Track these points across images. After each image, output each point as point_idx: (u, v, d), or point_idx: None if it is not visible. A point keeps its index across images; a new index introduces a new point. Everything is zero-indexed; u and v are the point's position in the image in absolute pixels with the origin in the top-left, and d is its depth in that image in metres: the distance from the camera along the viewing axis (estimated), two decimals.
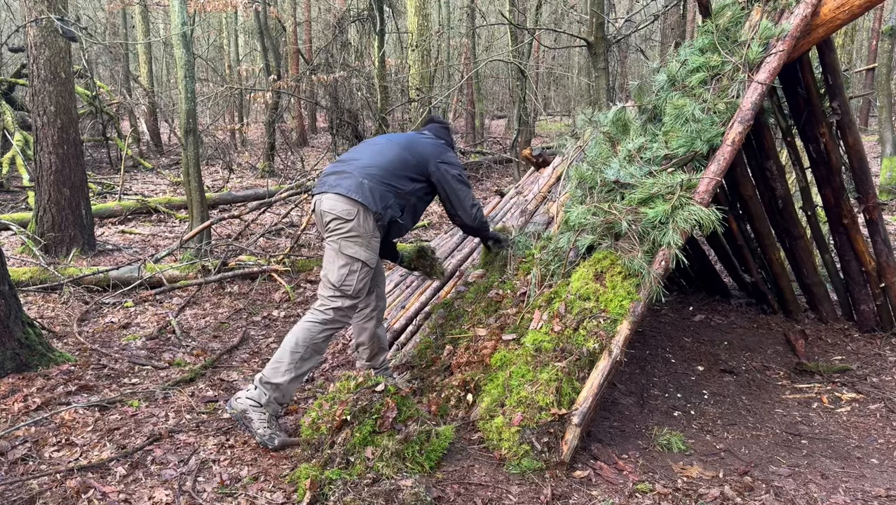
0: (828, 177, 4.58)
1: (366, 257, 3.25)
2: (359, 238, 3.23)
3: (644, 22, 10.65)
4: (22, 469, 2.93)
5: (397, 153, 3.39)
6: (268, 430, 3.10)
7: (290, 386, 3.17)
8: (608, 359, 3.01)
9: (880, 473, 3.19)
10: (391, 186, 3.30)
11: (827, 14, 3.62)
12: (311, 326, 3.21)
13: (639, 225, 3.19)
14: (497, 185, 11.65)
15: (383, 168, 3.32)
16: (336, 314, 3.24)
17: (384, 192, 3.26)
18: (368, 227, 3.24)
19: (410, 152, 3.42)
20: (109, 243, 7.65)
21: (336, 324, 3.26)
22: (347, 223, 3.21)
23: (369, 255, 3.26)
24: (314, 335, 3.20)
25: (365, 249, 3.24)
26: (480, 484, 2.77)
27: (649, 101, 3.82)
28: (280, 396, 3.16)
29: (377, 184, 3.26)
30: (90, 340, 4.65)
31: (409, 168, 3.37)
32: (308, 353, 3.19)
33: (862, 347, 4.75)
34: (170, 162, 14.83)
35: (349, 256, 3.23)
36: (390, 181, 3.30)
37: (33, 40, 6.59)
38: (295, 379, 3.18)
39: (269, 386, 3.14)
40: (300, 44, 18.09)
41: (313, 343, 3.20)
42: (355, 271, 3.24)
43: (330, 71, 12.19)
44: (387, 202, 3.27)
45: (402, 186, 3.34)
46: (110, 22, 18.72)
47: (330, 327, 3.24)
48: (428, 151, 3.46)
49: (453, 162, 3.51)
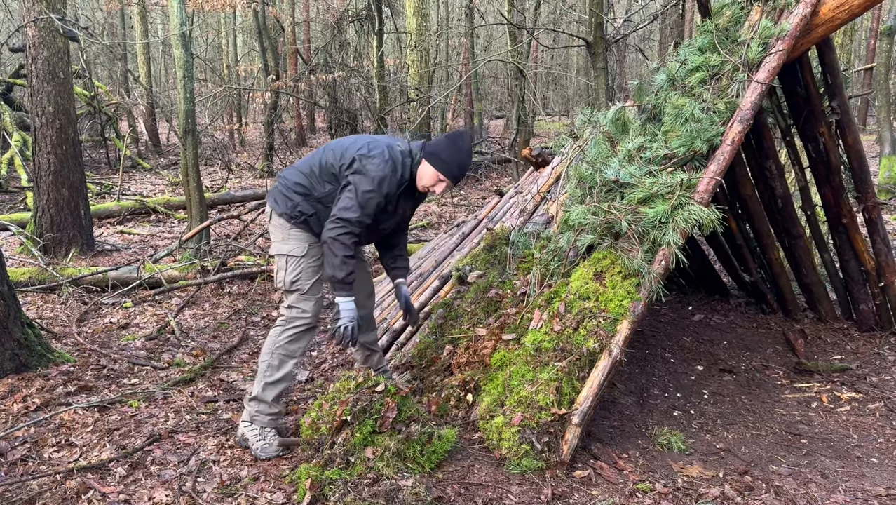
0: (827, 176, 4.58)
1: (287, 249, 3.17)
2: (276, 236, 3.21)
3: (643, 22, 10.66)
4: (21, 470, 2.93)
5: (319, 158, 3.22)
6: (258, 442, 3.10)
7: (267, 394, 3.12)
8: (608, 358, 3.01)
9: (880, 472, 3.19)
10: (299, 186, 3.18)
11: (826, 14, 3.62)
12: (273, 331, 3.18)
13: (638, 224, 3.19)
14: (496, 184, 11.65)
15: (296, 170, 3.25)
16: (290, 312, 3.17)
17: (289, 194, 3.18)
18: (282, 225, 3.18)
19: (336, 152, 3.17)
20: (108, 244, 7.64)
21: (294, 322, 3.15)
22: (270, 224, 3.26)
23: (290, 246, 3.16)
24: (276, 339, 3.14)
25: (284, 243, 3.18)
26: (481, 484, 2.77)
27: (649, 100, 3.82)
28: (265, 407, 3.12)
29: (283, 188, 3.21)
30: (89, 341, 4.64)
31: (323, 171, 3.17)
32: (276, 359, 3.13)
33: (861, 346, 4.75)
34: (168, 162, 14.82)
35: (276, 255, 3.22)
36: (300, 182, 3.19)
37: (32, 40, 6.58)
38: (270, 386, 3.12)
39: (253, 401, 3.14)
40: (299, 44, 18.07)
41: (277, 347, 3.13)
42: (282, 267, 3.18)
43: (329, 71, 12.19)
44: (294, 203, 3.16)
45: (314, 189, 3.17)
46: (108, 22, 18.71)
47: (291, 328, 3.15)
48: (354, 149, 3.13)
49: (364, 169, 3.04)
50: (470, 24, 15.31)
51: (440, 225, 8.90)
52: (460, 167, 3.12)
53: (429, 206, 10.34)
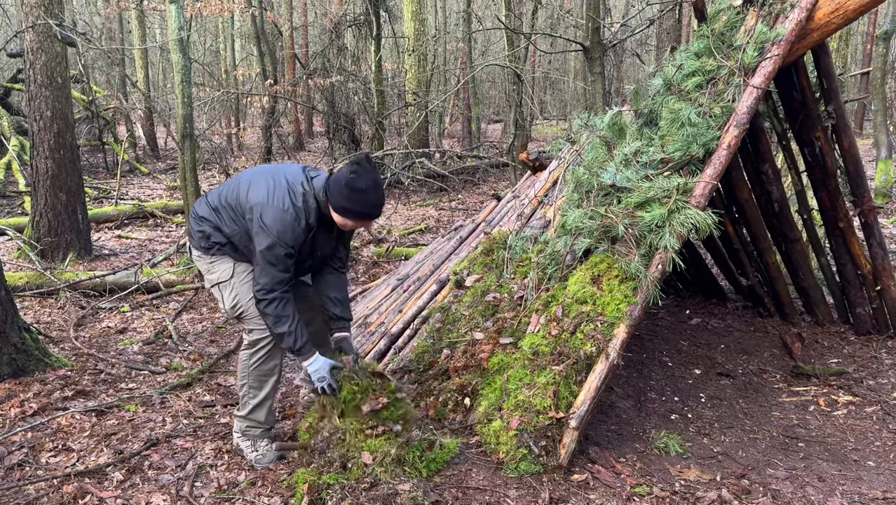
0: (823, 180, 4.60)
1: (216, 278, 3.06)
2: (203, 269, 3.12)
3: (640, 26, 10.69)
4: (19, 474, 2.92)
5: (224, 191, 3.08)
6: (252, 453, 3.09)
7: (256, 414, 3.10)
8: (605, 362, 3.01)
9: (877, 475, 3.20)
10: (206, 221, 3.06)
11: (822, 18, 3.64)
12: (242, 355, 3.10)
13: (635, 228, 3.20)
14: (494, 189, 11.67)
15: (205, 204, 3.12)
16: (251, 336, 3.05)
17: (200, 227, 3.07)
18: (201, 258, 3.09)
19: (236, 196, 3.00)
20: (106, 248, 7.63)
21: (259, 345, 3.03)
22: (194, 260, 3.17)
23: (217, 274, 3.05)
24: (248, 363, 3.06)
25: (210, 273, 3.08)
26: (478, 488, 2.77)
27: (645, 105, 3.84)
28: (255, 423, 3.11)
29: (194, 221, 3.12)
30: (87, 345, 4.64)
31: (226, 209, 3.03)
32: (255, 381, 3.06)
33: (858, 349, 4.76)
34: (166, 166, 14.81)
35: (211, 288, 3.13)
36: (207, 217, 3.07)
37: (30, 45, 6.59)
38: (257, 407, 3.08)
39: (239, 418, 3.13)
40: (297, 48, 18.10)
41: (253, 370, 3.05)
42: (219, 297, 3.09)
43: (327, 75, 12.20)
44: (205, 234, 3.05)
45: (221, 225, 3.03)
46: (106, 27, 18.72)
47: (257, 351, 3.04)
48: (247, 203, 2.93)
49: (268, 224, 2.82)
50: (468, 28, 15.36)
51: (438, 229, 8.91)
52: (374, 207, 2.93)
53: (426, 211, 10.35)
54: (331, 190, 2.89)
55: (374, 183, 2.88)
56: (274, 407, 3.22)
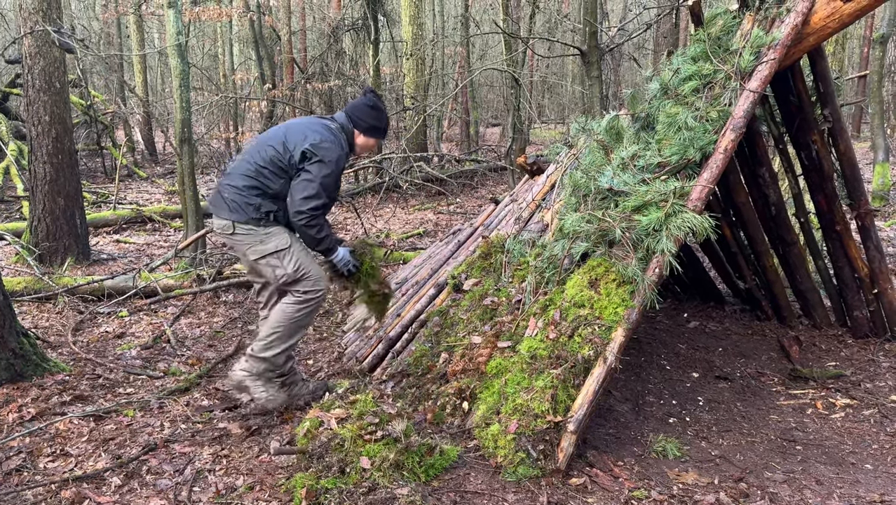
0: (820, 183, 4.61)
1: (273, 246, 3.35)
2: (249, 241, 3.36)
3: (637, 31, 10.72)
4: (16, 480, 2.92)
5: (260, 155, 3.34)
6: (264, 392, 3.40)
7: (278, 358, 3.41)
8: (603, 366, 3.02)
9: (874, 478, 3.20)
10: (253, 189, 3.32)
11: (817, 23, 3.65)
12: (286, 307, 3.40)
13: (633, 232, 3.21)
14: (492, 192, 11.68)
15: (240, 175, 3.35)
16: (305, 295, 3.40)
17: (248, 200, 3.31)
18: (252, 231, 3.34)
19: (277, 148, 3.31)
20: (104, 253, 7.63)
21: (310, 299, 3.41)
22: (233, 237, 3.39)
23: (274, 242, 3.35)
24: (291, 314, 3.38)
25: (264, 244, 3.35)
26: (477, 492, 2.77)
27: (642, 109, 3.85)
28: (270, 366, 3.41)
29: (237, 195, 3.33)
30: (85, 350, 4.63)
31: (274, 166, 3.31)
32: (290, 329, 3.39)
33: (856, 352, 4.77)
34: (165, 171, 14.82)
35: (261, 257, 3.38)
36: (251, 184, 3.32)
37: (28, 50, 6.60)
38: (282, 353, 3.41)
39: (257, 359, 3.40)
40: (295, 53, 18.10)
41: (293, 321, 3.39)
42: (277, 264, 3.36)
43: (325, 80, 12.21)
44: (256, 206, 3.31)
45: (267, 187, 3.32)
46: (105, 32, 18.73)
47: (306, 302, 3.40)
48: (297, 141, 3.29)
49: (322, 155, 3.25)
50: (465, 33, 15.39)
51: (436, 233, 8.92)
52: (388, 126, 3.60)
53: (425, 215, 10.36)
54: (356, 116, 3.45)
55: (384, 105, 3.54)
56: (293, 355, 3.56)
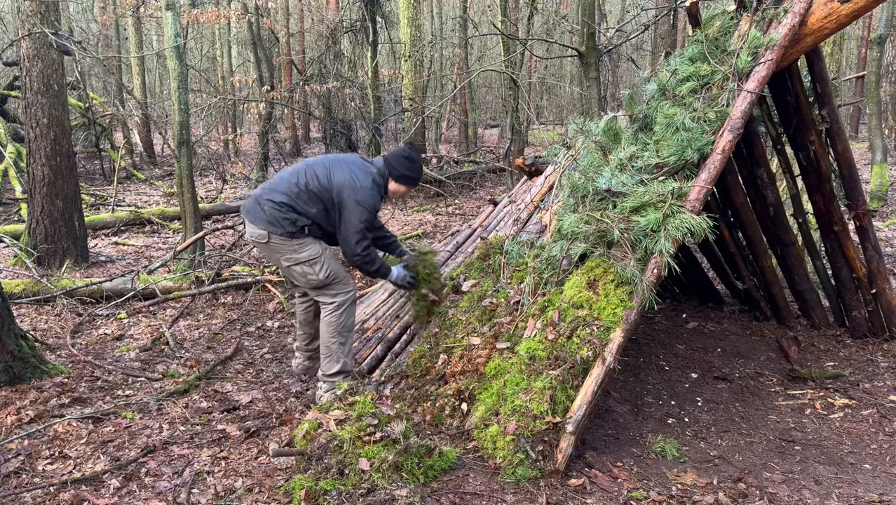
0: (818, 184, 4.62)
1: (307, 255, 3.67)
2: (283, 250, 3.67)
3: (635, 32, 10.73)
4: (15, 482, 2.91)
5: (303, 180, 3.65)
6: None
7: (346, 366, 3.81)
8: (602, 367, 3.02)
9: (873, 478, 3.21)
10: (288, 207, 3.62)
11: (815, 23, 3.66)
12: (328, 318, 3.75)
13: (631, 233, 3.21)
14: (490, 193, 11.69)
15: (277, 192, 3.65)
16: (336, 298, 3.76)
17: (285, 214, 3.61)
18: (286, 242, 3.65)
19: (322, 180, 3.63)
20: (103, 255, 7.63)
21: (344, 303, 3.76)
22: (268, 245, 3.69)
23: (308, 251, 3.67)
24: (336, 324, 3.75)
25: (298, 252, 3.66)
26: (475, 493, 2.77)
27: (640, 110, 3.85)
28: (344, 374, 3.78)
29: (274, 210, 3.62)
30: (83, 352, 4.63)
31: (307, 194, 3.63)
32: (342, 337, 3.78)
33: (854, 352, 4.77)
34: (163, 173, 14.81)
35: (294, 264, 3.69)
36: (287, 203, 3.62)
37: (26, 53, 6.59)
38: (347, 357, 3.82)
39: (331, 377, 3.76)
40: (293, 54, 18.13)
41: (340, 330, 3.76)
42: (310, 271, 3.68)
43: (323, 81, 12.22)
44: (292, 220, 3.62)
45: (301, 209, 3.62)
46: (103, 34, 18.72)
47: (342, 307, 3.76)
48: (343, 183, 3.62)
49: (362, 200, 3.60)
50: (464, 34, 15.41)
51: (435, 234, 8.92)
52: (420, 173, 3.88)
53: (423, 216, 10.36)
54: (392, 165, 3.76)
55: (419, 156, 3.88)
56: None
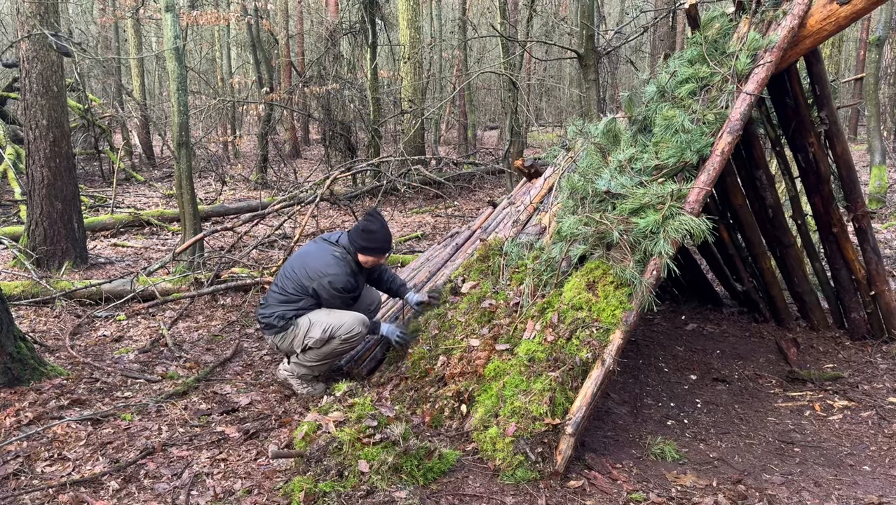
0: (817, 186, 4.62)
1: (302, 332, 3.80)
2: (289, 339, 3.85)
3: (634, 34, 10.74)
4: (14, 484, 2.91)
5: (284, 281, 3.88)
6: (304, 389, 3.91)
7: (316, 371, 3.91)
8: (601, 368, 3.02)
9: (872, 479, 3.21)
10: (281, 305, 3.84)
11: (814, 25, 3.67)
12: (332, 342, 3.80)
13: (630, 235, 3.21)
14: (490, 195, 11.69)
15: (274, 301, 3.89)
16: (346, 336, 3.83)
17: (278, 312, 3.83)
18: (286, 332, 3.84)
19: (302, 280, 3.82)
20: (102, 256, 7.62)
21: (351, 342, 3.86)
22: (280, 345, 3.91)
23: (301, 329, 3.80)
24: (335, 346, 3.81)
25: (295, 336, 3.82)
26: (475, 495, 2.77)
27: (639, 111, 3.86)
28: (310, 374, 3.92)
29: (266, 319, 3.86)
30: (82, 354, 4.63)
31: (296, 291, 3.83)
32: (332, 357, 3.89)
33: (853, 354, 4.78)
34: (162, 175, 14.81)
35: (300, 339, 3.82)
36: (283, 299, 3.85)
37: (26, 54, 6.60)
38: (321, 368, 3.91)
39: (300, 365, 3.88)
40: (293, 56, 18.15)
41: (335, 351, 3.85)
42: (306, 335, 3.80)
43: (322, 83, 12.22)
44: (280, 314, 3.82)
45: (301, 305, 3.83)
46: (102, 35, 18.73)
47: (346, 344, 3.85)
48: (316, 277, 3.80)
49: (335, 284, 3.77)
50: (463, 36, 15.42)
51: (434, 236, 8.92)
52: (387, 243, 3.90)
53: (423, 218, 10.36)
54: (353, 239, 3.86)
55: (381, 225, 3.87)
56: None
